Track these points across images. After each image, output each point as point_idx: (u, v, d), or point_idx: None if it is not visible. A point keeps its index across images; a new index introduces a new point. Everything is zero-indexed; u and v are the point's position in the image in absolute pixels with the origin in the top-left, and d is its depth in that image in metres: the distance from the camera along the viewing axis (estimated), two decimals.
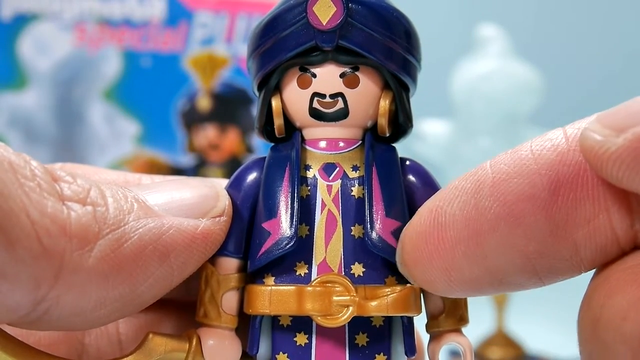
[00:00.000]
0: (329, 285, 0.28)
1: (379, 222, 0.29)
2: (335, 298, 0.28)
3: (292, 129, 0.32)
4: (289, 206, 0.29)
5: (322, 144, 0.31)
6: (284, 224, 0.29)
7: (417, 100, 0.34)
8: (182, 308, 0.34)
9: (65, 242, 0.24)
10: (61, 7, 0.91)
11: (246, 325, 0.30)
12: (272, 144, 0.32)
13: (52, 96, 0.93)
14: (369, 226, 0.29)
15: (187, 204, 0.29)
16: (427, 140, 0.98)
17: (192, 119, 0.93)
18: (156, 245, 0.27)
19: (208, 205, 0.29)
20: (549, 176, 0.25)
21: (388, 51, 0.30)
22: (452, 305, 0.30)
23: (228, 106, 0.93)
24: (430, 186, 0.31)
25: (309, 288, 0.28)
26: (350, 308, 0.28)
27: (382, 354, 0.29)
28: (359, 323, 0.29)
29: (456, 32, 1.04)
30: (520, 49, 0.97)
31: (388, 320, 0.30)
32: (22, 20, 0.91)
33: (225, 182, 0.32)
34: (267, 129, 0.32)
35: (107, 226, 0.26)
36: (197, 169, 0.94)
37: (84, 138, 0.93)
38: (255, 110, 0.32)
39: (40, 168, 0.25)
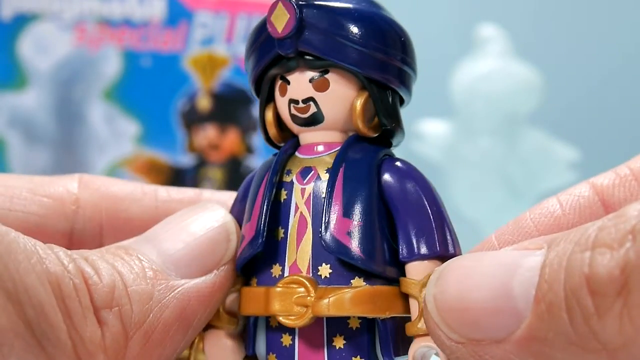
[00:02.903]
0: (293, 286, 0.29)
1: (334, 222, 0.29)
2: (295, 298, 0.28)
3: (294, 135, 0.32)
4: (260, 209, 0.30)
5: (311, 148, 0.31)
6: (255, 226, 0.29)
7: (417, 100, 0.33)
8: None
9: (101, 357, 0.26)
10: (61, 7, 0.91)
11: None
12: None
13: (52, 96, 0.93)
14: (323, 227, 0.29)
15: (201, 255, 0.30)
16: (427, 140, 0.98)
17: (192, 119, 0.93)
18: (180, 322, 0.28)
19: (220, 251, 0.30)
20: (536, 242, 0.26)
21: (351, 51, 0.30)
22: None
23: (228, 106, 0.93)
24: (408, 186, 0.30)
25: (277, 289, 0.29)
26: (310, 308, 0.28)
27: (359, 356, 0.29)
28: (336, 325, 0.29)
29: (456, 32, 1.04)
30: (520, 49, 0.97)
31: (366, 322, 0.29)
32: (22, 20, 0.91)
33: (224, 193, 0.33)
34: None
35: (133, 326, 0.27)
36: (197, 169, 0.94)
37: (84, 138, 0.93)
38: (255, 110, 0.33)
39: (75, 272, 0.26)
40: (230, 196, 0.35)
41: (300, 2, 0.29)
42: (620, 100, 1.16)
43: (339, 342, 0.29)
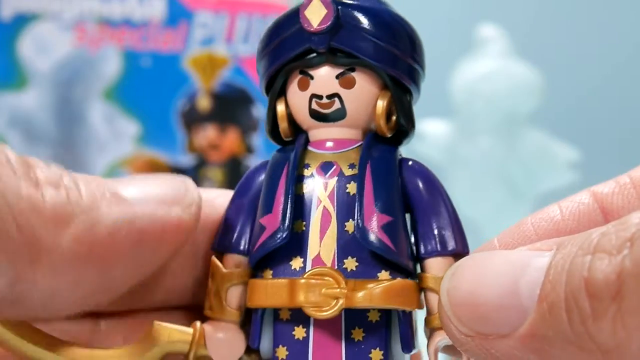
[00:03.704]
0: (320, 277, 0.29)
1: (369, 217, 0.29)
2: (324, 290, 0.29)
3: (301, 132, 0.32)
4: (284, 201, 0.30)
5: (326, 144, 0.32)
6: (278, 218, 0.30)
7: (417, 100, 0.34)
8: (192, 314, 0.35)
9: (40, 222, 0.25)
10: (61, 7, 0.91)
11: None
12: (279, 147, 0.33)
13: (52, 96, 0.93)
14: (359, 221, 0.29)
15: (158, 195, 0.29)
16: (427, 140, 0.98)
17: (192, 119, 0.93)
18: (130, 230, 0.28)
19: (178, 195, 0.30)
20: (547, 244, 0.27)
21: (382, 52, 0.30)
22: None
23: (228, 106, 0.93)
24: (428, 185, 0.31)
25: (302, 280, 0.29)
26: (340, 300, 0.29)
27: (378, 349, 0.30)
28: (355, 317, 0.30)
29: (456, 32, 1.04)
30: (520, 49, 0.97)
31: (385, 315, 0.30)
32: (22, 20, 0.91)
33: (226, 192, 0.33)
34: (277, 132, 0.33)
35: (80, 209, 0.26)
36: (197, 169, 0.94)
37: (84, 138, 0.93)
38: (255, 110, 0.33)
39: (14, 156, 0.26)
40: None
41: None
42: (620, 100, 1.16)
43: (358, 335, 0.30)
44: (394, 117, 0.32)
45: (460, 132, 0.98)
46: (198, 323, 0.31)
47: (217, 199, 0.33)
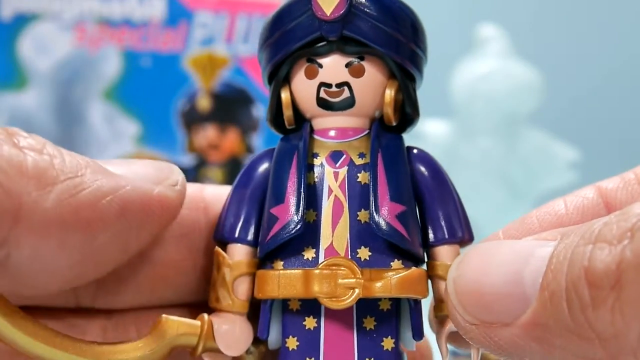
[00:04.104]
0: (335, 268, 0.29)
1: (384, 206, 0.29)
2: (340, 281, 0.29)
3: (302, 120, 0.32)
4: (296, 192, 0.30)
5: (330, 133, 0.31)
6: (291, 208, 0.30)
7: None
8: (196, 310, 0.35)
9: (23, 183, 0.25)
10: (61, 7, 0.91)
11: (258, 311, 0.31)
12: (282, 136, 0.33)
13: (52, 96, 0.93)
14: (374, 210, 0.29)
15: (143, 173, 0.30)
16: (427, 140, 0.98)
17: (192, 119, 0.93)
18: (113, 198, 0.27)
19: (163, 175, 0.30)
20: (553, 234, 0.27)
21: (392, 41, 0.30)
22: None
23: (228, 106, 0.93)
24: (435, 173, 0.32)
25: (316, 271, 0.29)
26: (356, 290, 0.29)
27: (389, 337, 0.30)
28: (367, 307, 0.30)
29: (456, 32, 1.04)
30: (520, 49, 0.97)
31: (396, 304, 0.30)
32: (22, 20, 0.91)
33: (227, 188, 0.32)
34: (278, 121, 0.33)
35: (64, 174, 0.26)
36: (197, 169, 0.94)
37: (84, 138, 0.93)
38: (255, 110, 0.33)
39: None
40: None
41: None
42: (620, 100, 1.16)
43: (370, 324, 0.30)
44: (399, 106, 0.32)
45: (460, 132, 0.97)
46: (205, 315, 0.31)
47: (224, 196, 0.33)
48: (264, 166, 0.32)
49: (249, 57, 0.92)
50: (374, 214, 0.29)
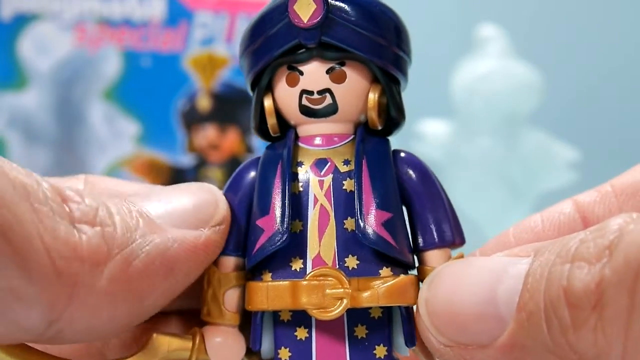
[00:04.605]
0: (323, 278, 0.29)
1: (369, 214, 0.29)
2: (328, 291, 0.28)
3: (288, 127, 0.32)
4: (280, 203, 0.29)
5: (315, 140, 0.31)
6: (276, 220, 0.29)
7: (417, 100, 0.34)
8: (188, 318, 0.35)
9: (77, 265, 0.25)
10: (61, 7, 0.91)
11: (250, 322, 0.31)
12: (269, 143, 0.32)
13: (52, 96, 0.93)
14: (359, 219, 0.29)
15: (187, 213, 0.29)
16: (427, 140, 0.98)
17: (192, 119, 0.93)
18: (162, 261, 0.27)
19: (208, 213, 0.30)
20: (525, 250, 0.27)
21: (374, 45, 0.30)
22: None
23: (228, 106, 0.93)
24: (423, 176, 0.31)
25: (304, 282, 0.29)
26: (344, 300, 0.28)
27: (382, 345, 0.30)
28: (358, 315, 0.30)
29: (456, 32, 1.04)
30: (520, 49, 0.97)
31: (387, 311, 0.30)
32: (22, 20, 0.91)
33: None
34: (263, 128, 0.32)
35: (116, 246, 0.26)
36: (197, 169, 0.94)
37: (84, 138, 0.93)
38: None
39: (51, 189, 0.25)
40: None
41: None
42: (620, 100, 1.16)
43: (361, 332, 0.30)
44: (384, 110, 0.31)
45: (460, 132, 0.97)
46: (197, 329, 0.30)
47: None
48: (249, 176, 0.31)
49: None
50: (360, 222, 0.29)
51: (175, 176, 0.93)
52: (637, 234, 0.22)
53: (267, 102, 0.31)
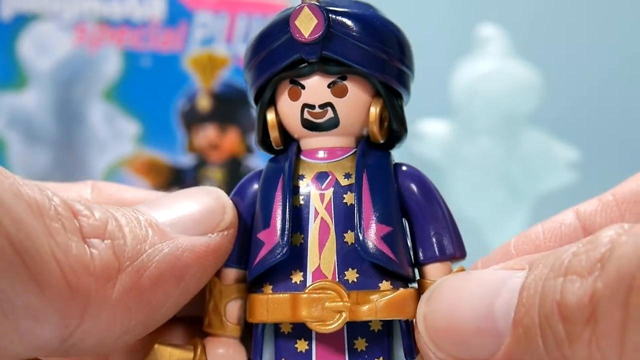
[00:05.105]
0: (322, 291, 0.29)
1: (369, 228, 0.29)
2: (328, 304, 0.29)
3: (291, 140, 0.32)
4: (281, 215, 0.30)
5: (316, 153, 0.31)
6: (276, 233, 0.29)
7: (417, 100, 0.34)
8: (191, 325, 0.35)
9: (90, 280, 0.25)
10: (61, 7, 0.91)
11: (251, 334, 0.31)
12: (272, 156, 0.33)
13: (52, 96, 0.93)
14: (359, 232, 0.29)
15: (195, 219, 0.29)
16: (426, 140, 0.98)
17: (192, 119, 0.93)
18: (173, 269, 0.28)
19: (216, 219, 0.30)
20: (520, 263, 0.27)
21: (375, 60, 0.30)
22: None
23: (228, 106, 0.93)
24: (425, 190, 0.31)
25: (304, 295, 0.29)
26: (344, 314, 0.28)
27: (381, 358, 0.30)
28: (358, 328, 0.30)
29: (456, 32, 1.04)
30: (520, 49, 0.97)
31: (387, 324, 0.30)
32: (22, 20, 0.91)
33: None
34: (267, 141, 0.33)
35: (126, 259, 0.27)
36: (197, 169, 0.94)
37: (84, 138, 0.93)
38: (255, 111, 0.33)
39: (62, 205, 0.26)
40: None
41: (327, 8, 0.30)
42: (620, 100, 1.16)
43: (361, 345, 0.30)
44: (386, 123, 0.31)
45: (460, 132, 0.97)
46: (198, 340, 0.31)
47: None
48: (253, 187, 0.32)
49: None
50: (360, 236, 0.29)
51: (175, 176, 0.93)
52: (628, 246, 0.22)
53: (270, 116, 0.32)
